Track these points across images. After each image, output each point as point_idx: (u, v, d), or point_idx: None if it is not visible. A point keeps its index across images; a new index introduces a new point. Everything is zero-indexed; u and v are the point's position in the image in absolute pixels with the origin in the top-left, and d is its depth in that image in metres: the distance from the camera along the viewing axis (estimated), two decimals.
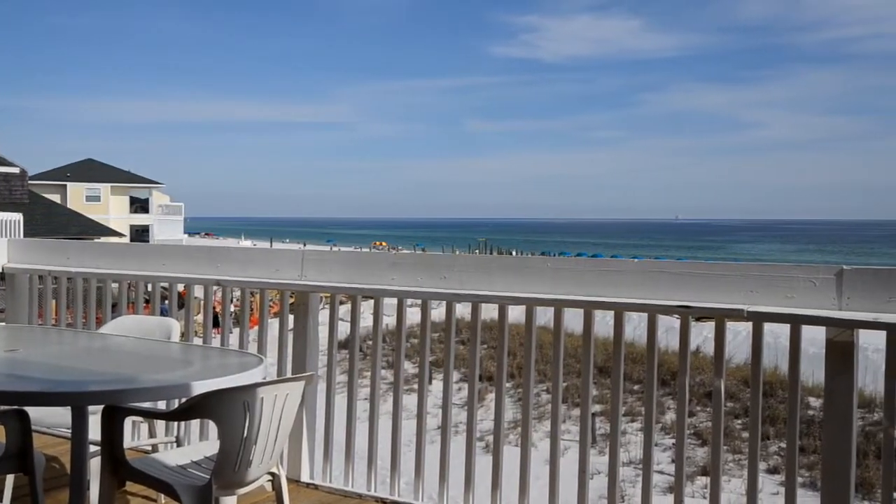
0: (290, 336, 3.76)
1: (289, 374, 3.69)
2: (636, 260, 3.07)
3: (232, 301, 4.26)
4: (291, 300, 3.81)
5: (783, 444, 2.76)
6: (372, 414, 3.55)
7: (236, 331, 4.01)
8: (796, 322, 2.61)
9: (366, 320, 3.76)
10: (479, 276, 3.30)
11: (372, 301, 3.58)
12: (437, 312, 3.49)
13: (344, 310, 4.00)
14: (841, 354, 2.57)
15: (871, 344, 2.60)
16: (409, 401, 3.57)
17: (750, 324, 2.75)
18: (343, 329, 3.95)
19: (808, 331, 2.66)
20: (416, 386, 3.53)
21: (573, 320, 3.16)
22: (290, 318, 3.80)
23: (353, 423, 3.62)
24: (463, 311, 3.46)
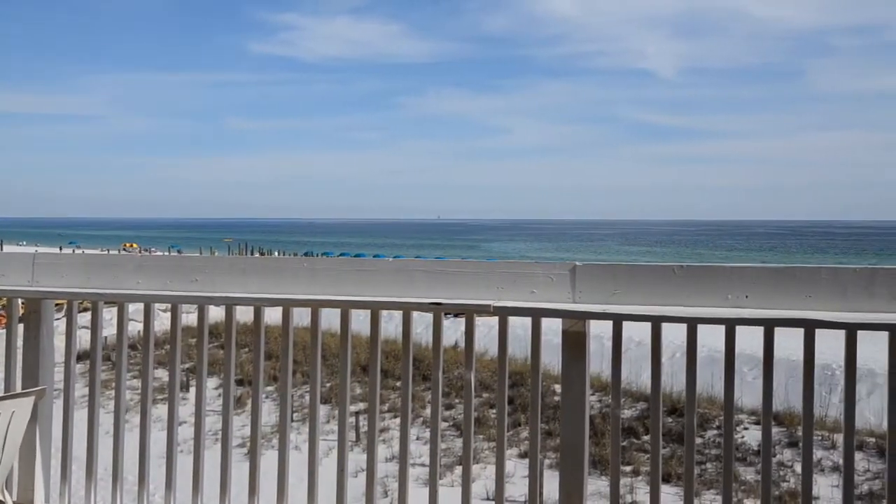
0: (21, 348, 3.42)
1: (18, 391, 3.35)
2: (391, 259, 3.14)
3: None
4: (22, 309, 3.46)
5: (539, 430, 2.97)
6: (117, 426, 3.32)
7: None
8: (536, 315, 2.80)
9: (114, 327, 3.51)
10: (234, 277, 3.21)
11: (116, 307, 3.35)
12: (194, 317, 3.34)
13: (86, 317, 3.70)
14: (575, 343, 2.79)
15: (605, 333, 2.86)
16: (166, 411, 3.38)
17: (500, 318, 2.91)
18: (86, 338, 3.66)
19: (554, 322, 2.85)
20: (175, 395, 3.35)
21: (337, 320, 3.16)
22: (21, 328, 3.45)
23: (94, 438, 3.36)
24: (221, 314, 3.34)
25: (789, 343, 3.06)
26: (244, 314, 3.31)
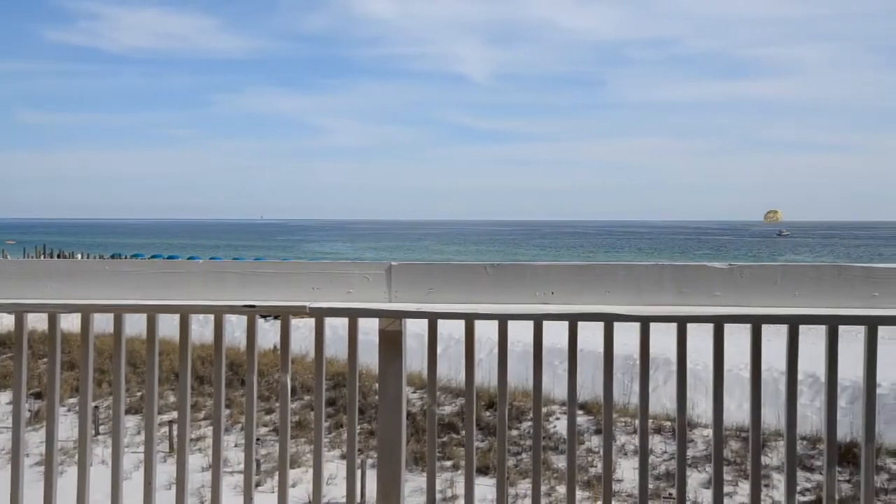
0: None
1: None
2: (201, 261, 3.02)
3: None
4: None
5: (356, 430, 2.98)
6: None
7: None
8: (353, 315, 2.80)
9: None
10: (25, 282, 2.96)
11: None
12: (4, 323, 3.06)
13: None
14: (391, 342, 2.82)
15: (426, 331, 2.91)
16: None
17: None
18: None
19: (373, 322, 2.85)
20: None
21: (144, 326, 2.99)
22: None
23: None
24: (11, 322, 3.07)
25: (596, 337, 3.25)
26: (39, 322, 3.05)
